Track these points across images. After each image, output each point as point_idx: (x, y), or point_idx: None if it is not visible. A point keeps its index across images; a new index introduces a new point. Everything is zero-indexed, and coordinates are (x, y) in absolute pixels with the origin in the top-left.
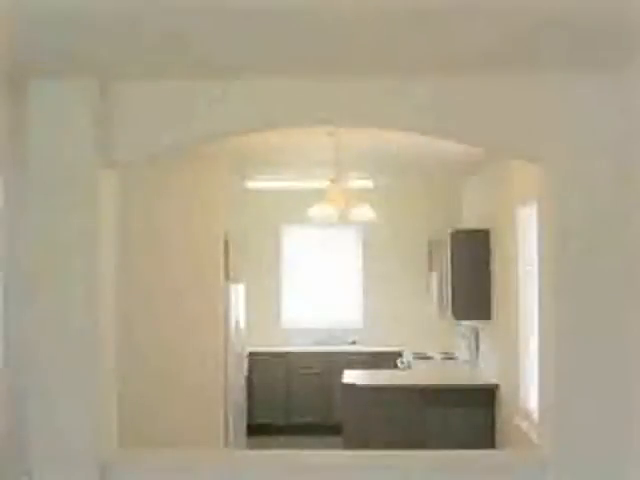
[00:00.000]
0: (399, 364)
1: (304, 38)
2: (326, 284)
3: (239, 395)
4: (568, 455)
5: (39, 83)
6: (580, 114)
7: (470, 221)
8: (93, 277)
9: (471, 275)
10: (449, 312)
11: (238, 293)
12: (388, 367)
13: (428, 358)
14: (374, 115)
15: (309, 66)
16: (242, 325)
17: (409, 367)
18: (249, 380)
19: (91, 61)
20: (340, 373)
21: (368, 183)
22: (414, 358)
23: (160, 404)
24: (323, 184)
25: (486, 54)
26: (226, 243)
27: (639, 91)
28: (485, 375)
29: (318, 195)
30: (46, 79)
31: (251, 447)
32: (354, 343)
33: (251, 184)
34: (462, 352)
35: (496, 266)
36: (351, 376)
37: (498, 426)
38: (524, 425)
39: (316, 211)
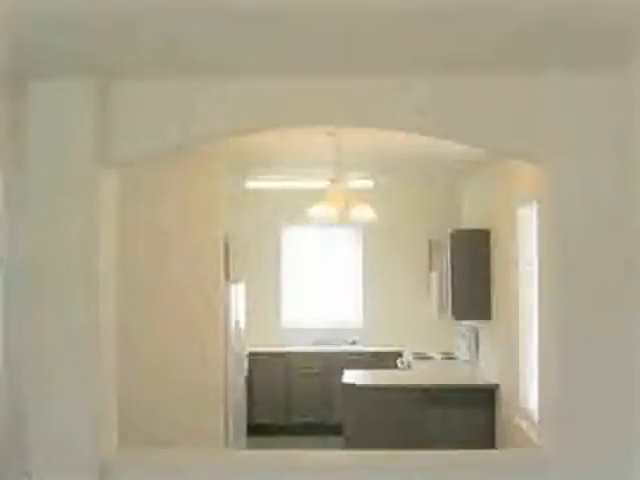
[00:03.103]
0: (399, 364)
1: (304, 38)
2: (326, 284)
3: (239, 395)
4: (568, 455)
5: (39, 83)
6: (580, 114)
7: (470, 221)
8: (93, 277)
9: (471, 275)
10: (449, 312)
11: (238, 293)
12: (388, 367)
13: (428, 358)
14: (374, 115)
15: (309, 66)
16: (242, 325)
17: (409, 367)
18: (249, 380)
19: (91, 61)
20: (340, 373)
21: (368, 183)
22: (414, 358)
23: (160, 404)
24: (323, 184)
25: (486, 54)
26: (226, 243)
27: (639, 91)
28: (485, 375)
29: (318, 195)
30: (46, 79)
31: (251, 447)
32: (354, 343)
33: (251, 184)
34: (462, 352)
35: (496, 266)
36: (351, 376)
37: (498, 426)
38: (524, 425)
39: (316, 211)
